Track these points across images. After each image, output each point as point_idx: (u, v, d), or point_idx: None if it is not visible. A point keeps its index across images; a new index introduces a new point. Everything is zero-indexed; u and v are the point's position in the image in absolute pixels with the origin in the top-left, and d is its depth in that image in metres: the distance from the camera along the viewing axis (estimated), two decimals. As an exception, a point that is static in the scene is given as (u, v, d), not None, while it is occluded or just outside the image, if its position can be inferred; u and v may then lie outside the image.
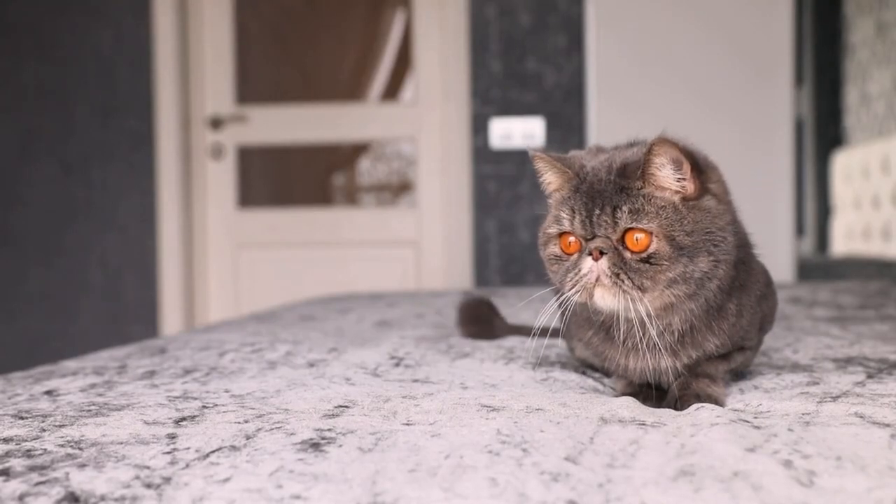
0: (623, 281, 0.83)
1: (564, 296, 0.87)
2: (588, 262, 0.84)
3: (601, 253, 0.84)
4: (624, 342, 0.91)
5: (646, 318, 0.84)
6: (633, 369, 0.93)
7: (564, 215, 0.87)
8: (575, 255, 0.87)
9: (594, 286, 0.84)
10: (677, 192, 0.85)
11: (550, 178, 0.92)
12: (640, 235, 0.83)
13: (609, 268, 0.83)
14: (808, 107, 5.63)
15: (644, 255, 0.83)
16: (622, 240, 0.84)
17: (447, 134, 3.32)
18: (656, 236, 0.83)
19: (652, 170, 0.84)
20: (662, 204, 0.84)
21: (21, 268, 3.42)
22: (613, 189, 0.85)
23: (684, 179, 0.85)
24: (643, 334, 0.88)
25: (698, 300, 0.87)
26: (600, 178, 0.86)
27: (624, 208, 0.83)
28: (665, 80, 3.02)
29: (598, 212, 0.84)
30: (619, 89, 3.03)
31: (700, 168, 0.87)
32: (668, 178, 0.84)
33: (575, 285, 0.85)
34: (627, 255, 0.83)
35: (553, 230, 0.89)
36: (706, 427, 0.74)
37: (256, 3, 3.54)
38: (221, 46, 3.44)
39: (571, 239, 0.87)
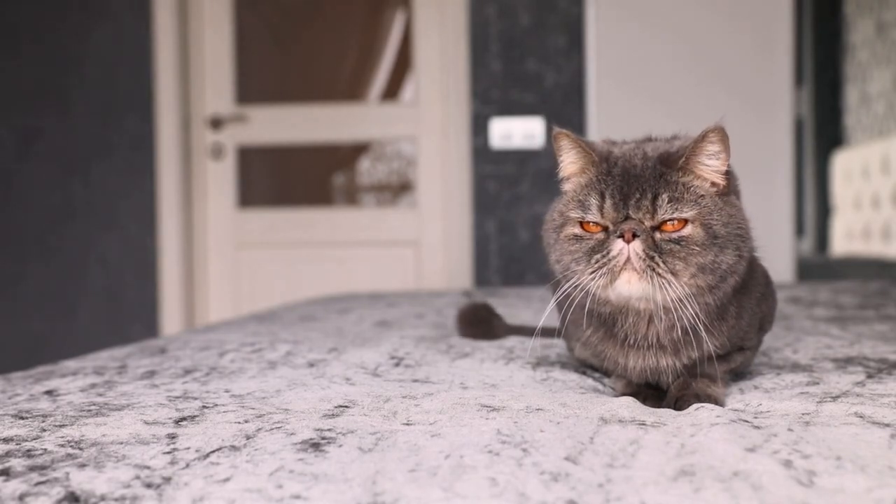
0: (658, 264, 0.81)
1: (578, 280, 0.84)
2: (619, 244, 0.82)
3: (634, 235, 0.82)
4: (625, 339, 0.91)
5: (677, 303, 0.82)
6: (632, 368, 0.92)
7: (593, 200, 0.84)
8: (600, 235, 0.84)
9: (621, 270, 0.82)
10: (714, 184, 0.85)
11: (573, 159, 0.89)
12: (677, 221, 0.82)
13: (643, 250, 0.81)
14: (808, 107, 5.63)
15: (676, 235, 0.82)
16: (656, 225, 0.83)
17: (447, 134, 3.32)
18: (692, 222, 0.82)
19: (701, 157, 0.84)
20: (701, 193, 0.84)
21: (21, 268, 3.42)
22: (652, 175, 0.83)
23: (724, 173, 0.85)
24: (659, 323, 0.87)
25: (716, 294, 0.86)
26: (635, 164, 0.85)
27: (664, 196, 0.82)
28: (665, 79, 3.02)
29: (637, 195, 0.82)
30: (619, 89, 3.03)
31: (729, 168, 0.88)
32: (712, 167, 0.85)
33: (600, 268, 0.82)
34: (658, 236, 0.82)
35: (575, 214, 0.86)
36: (706, 427, 0.74)
37: (256, 3, 3.54)
38: (221, 46, 3.44)
39: (594, 221, 0.85)
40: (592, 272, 0.83)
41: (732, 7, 3.01)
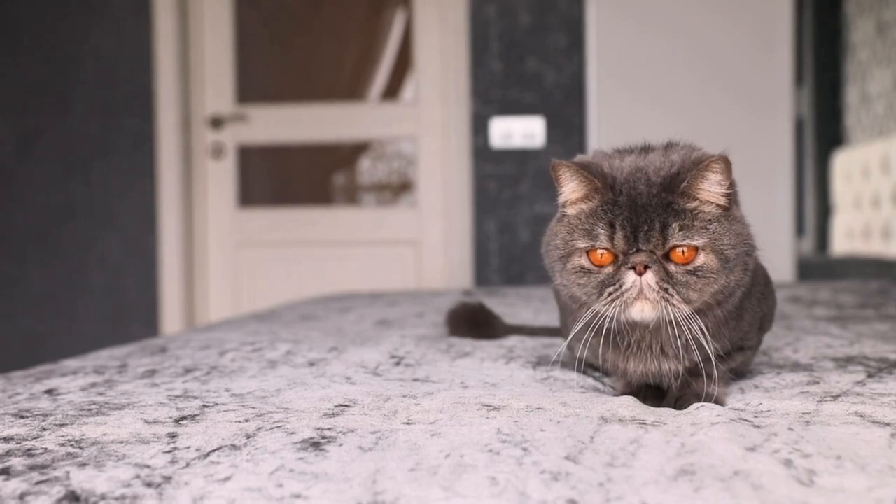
0: (672, 295, 0.82)
1: (593, 309, 0.85)
2: (630, 277, 0.82)
3: (646, 267, 0.82)
4: (627, 347, 0.91)
5: (688, 320, 0.83)
6: (632, 372, 0.93)
7: (601, 231, 0.83)
8: (609, 268, 0.83)
9: (634, 300, 0.82)
10: (720, 205, 0.84)
11: (575, 187, 0.87)
12: (687, 249, 0.82)
13: (657, 282, 0.81)
14: (808, 107, 5.63)
15: (691, 267, 0.82)
16: (666, 253, 0.82)
17: (447, 134, 3.32)
18: (703, 249, 0.82)
19: (704, 184, 0.83)
20: (709, 218, 0.83)
21: (21, 267, 3.42)
22: (658, 203, 0.82)
23: (727, 193, 0.84)
24: (665, 334, 0.87)
25: (725, 307, 0.88)
26: (640, 192, 0.83)
27: (674, 225, 0.81)
28: (665, 79, 3.02)
29: (646, 227, 0.81)
30: (619, 89, 3.03)
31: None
32: (716, 193, 0.84)
33: (614, 300, 0.83)
34: (672, 267, 0.82)
35: (583, 244, 0.84)
36: (706, 426, 0.74)
37: (256, 3, 3.54)
38: (221, 46, 3.44)
39: (602, 251, 0.84)
40: (607, 303, 0.83)
41: (732, 7, 3.01)
